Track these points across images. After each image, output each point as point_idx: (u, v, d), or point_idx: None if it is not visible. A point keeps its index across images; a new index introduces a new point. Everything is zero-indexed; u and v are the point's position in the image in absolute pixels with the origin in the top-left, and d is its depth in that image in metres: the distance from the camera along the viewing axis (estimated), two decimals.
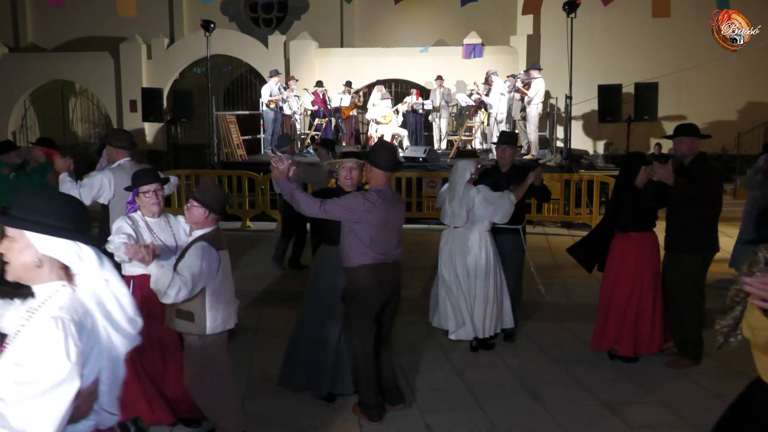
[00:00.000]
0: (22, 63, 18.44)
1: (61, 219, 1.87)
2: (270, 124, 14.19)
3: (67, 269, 1.91)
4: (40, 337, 1.76)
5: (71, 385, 1.75)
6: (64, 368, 1.74)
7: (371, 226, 4.06)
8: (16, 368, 1.74)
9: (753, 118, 16.01)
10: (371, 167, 4.18)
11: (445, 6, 17.71)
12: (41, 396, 1.71)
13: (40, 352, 1.74)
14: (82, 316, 1.85)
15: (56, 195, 1.97)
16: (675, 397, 4.68)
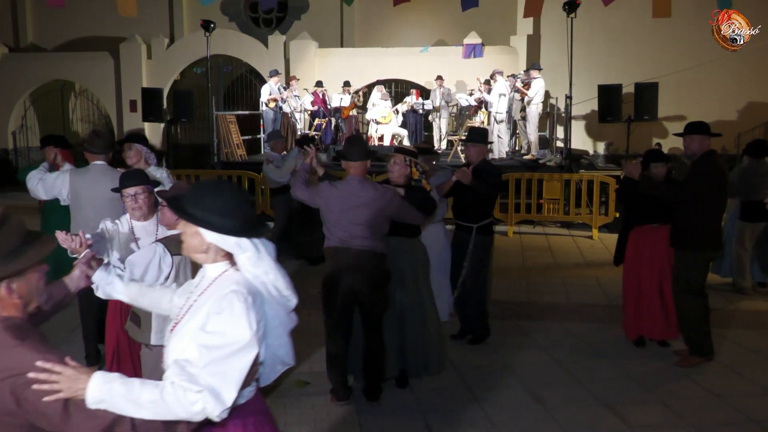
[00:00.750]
0: (22, 63, 18.43)
1: (224, 217, 2.06)
2: (270, 124, 14.19)
3: (230, 255, 2.12)
4: (224, 308, 1.98)
5: (252, 350, 1.98)
6: (246, 335, 1.96)
7: (328, 211, 4.45)
8: (203, 334, 1.96)
9: (753, 118, 15.99)
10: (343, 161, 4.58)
11: (445, 6, 17.70)
12: (226, 359, 1.92)
13: (225, 321, 1.96)
14: (253, 292, 2.08)
15: (224, 192, 2.11)
16: (675, 397, 4.68)
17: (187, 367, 1.90)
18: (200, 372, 1.88)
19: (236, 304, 1.98)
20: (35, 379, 1.76)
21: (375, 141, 14.89)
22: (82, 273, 2.47)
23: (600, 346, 5.66)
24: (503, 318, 6.49)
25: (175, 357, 1.98)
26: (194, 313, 2.06)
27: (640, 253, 5.50)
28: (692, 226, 5.09)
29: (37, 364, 1.77)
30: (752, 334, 6.04)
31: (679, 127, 16.55)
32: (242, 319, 1.97)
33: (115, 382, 1.82)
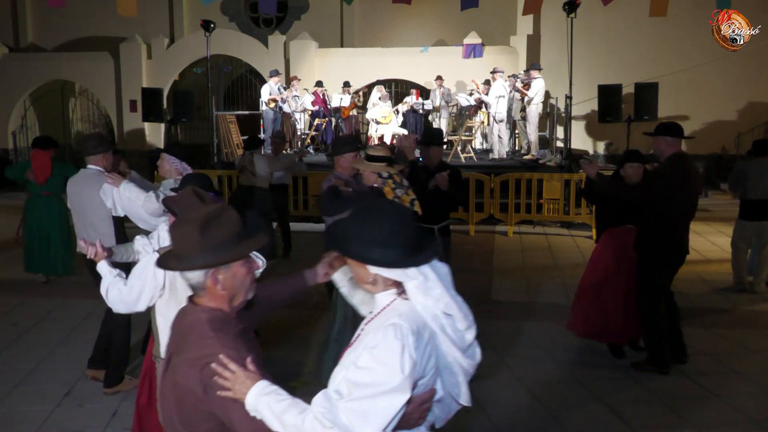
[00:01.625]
0: (22, 63, 18.44)
1: (383, 248, 1.90)
2: (270, 124, 14.19)
3: (399, 284, 1.96)
4: (379, 343, 1.83)
5: (401, 395, 1.80)
6: (396, 378, 1.78)
7: None
8: (354, 369, 1.84)
9: (753, 118, 16.00)
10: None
11: (445, 6, 17.71)
12: (370, 399, 1.78)
13: (376, 358, 1.81)
14: (420, 326, 1.88)
15: (382, 220, 1.94)
16: (675, 397, 4.68)
17: (332, 400, 1.82)
18: (343, 407, 1.79)
19: (391, 341, 1.82)
20: (216, 371, 1.84)
21: (375, 141, 14.88)
22: (324, 270, 2.48)
23: (600, 346, 5.65)
24: (503, 318, 6.49)
25: (331, 385, 1.90)
26: (359, 343, 1.95)
27: (609, 254, 5.34)
28: (655, 229, 4.98)
29: (219, 357, 1.84)
30: (752, 334, 6.04)
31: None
32: (395, 358, 1.80)
33: (270, 395, 1.83)
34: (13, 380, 4.98)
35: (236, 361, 1.85)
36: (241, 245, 1.97)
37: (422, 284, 1.91)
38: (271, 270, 8.27)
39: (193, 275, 1.95)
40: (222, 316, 1.96)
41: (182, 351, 1.93)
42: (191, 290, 2.02)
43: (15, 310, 6.76)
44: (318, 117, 14.89)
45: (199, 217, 1.94)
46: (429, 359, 1.90)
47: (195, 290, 1.99)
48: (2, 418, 4.39)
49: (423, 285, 1.92)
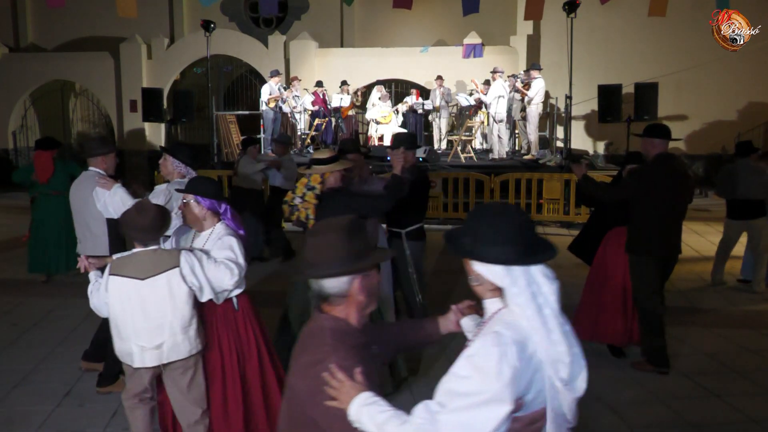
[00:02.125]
0: (22, 63, 18.43)
1: (493, 245, 1.84)
2: (270, 124, 14.20)
3: (500, 290, 1.89)
4: (478, 351, 1.78)
5: (501, 406, 1.72)
6: (493, 387, 1.72)
7: None
8: (453, 378, 1.80)
9: (753, 118, 16.00)
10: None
11: (445, 6, 17.71)
12: (469, 410, 1.72)
13: (474, 366, 1.76)
14: (524, 337, 1.80)
15: (503, 222, 1.87)
16: (675, 397, 4.68)
17: (432, 411, 1.78)
18: (443, 419, 1.74)
19: (490, 348, 1.75)
20: (325, 379, 1.86)
21: (375, 141, 14.90)
22: (456, 317, 2.43)
23: (600, 346, 5.65)
24: None
25: (435, 396, 1.85)
26: (463, 352, 1.90)
27: (608, 255, 5.37)
28: (639, 228, 4.99)
29: (330, 366, 1.87)
30: (752, 334, 6.04)
31: (680, 127, 16.72)
32: (492, 365, 1.72)
33: (372, 406, 1.82)
34: (13, 380, 4.98)
35: (345, 370, 1.86)
36: (376, 253, 2.04)
37: (522, 293, 1.83)
38: (277, 272, 8.28)
39: (335, 283, 1.97)
40: (345, 326, 1.99)
41: (300, 356, 1.98)
42: (323, 299, 2.02)
43: (15, 310, 6.76)
44: (318, 117, 14.89)
45: (342, 225, 2.00)
46: (534, 373, 1.80)
47: (330, 298, 2.01)
48: (2, 418, 4.39)
49: (523, 295, 1.83)
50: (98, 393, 4.72)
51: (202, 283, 3.40)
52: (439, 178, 11.47)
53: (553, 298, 1.86)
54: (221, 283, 3.44)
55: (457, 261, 6.27)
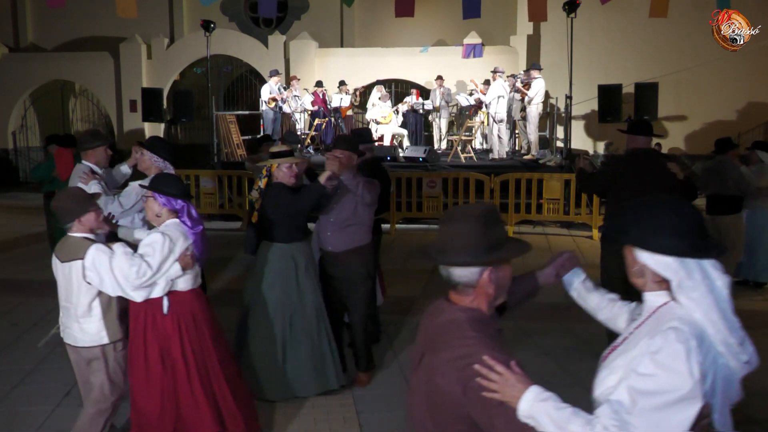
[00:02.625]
0: (22, 63, 18.43)
1: (669, 237, 1.82)
2: (270, 124, 14.19)
3: (668, 282, 1.86)
4: (661, 348, 1.74)
5: (694, 403, 1.72)
6: (686, 385, 1.71)
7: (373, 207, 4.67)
8: (635, 376, 1.76)
9: (753, 118, 16.00)
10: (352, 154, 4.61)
11: (445, 6, 17.71)
12: (662, 410, 1.70)
13: (660, 364, 1.73)
14: (700, 331, 1.80)
15: (679, 213, 1.86)
16: None
17: (619, 411, 1.74)
18: (633, 420, 1.71)
19: (674, 344, 1.72)
20: (480, 372, 1.78)
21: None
22: (554, 270, 2.44)
23: (600, 346, 5.65)
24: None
25: (604, 393, 1.83)
26: (628, 347, 1.87)
27: None
28: (607, 219, 5.36)
29: (483, 358, 1.79)
30: (752, 334, 5.99)
31: (680, 127, 16.69)
32: (681, 363, 1.71)
33: (549, 402, 1.79)
34: (13, 380, 4.98)
35: (502, 362, 1.79)
36: (511, 246, 1.94)
37: (696, 288, 1.80)
38: None
39: (465, 272, 1.90)
40: (480, 315, 1.92)
41: (439, 350, 1.88)
42: (451, 287, 1.96)
43: (15, 310, 6.76)
44: (318, 117, 14.89)
45: (479, 213, 1.91)
46: (708, 368, 1.80)
47: (459, 287, 1.93)
48: (2, 418, 4.39)
49: (699, 290, 1.80)
50: None
51: (104, 278, 3.42)
52: (439, 178, 11.47)
53: (726, 292, 1.85)
54: (128, 279, 3.42)
55: None
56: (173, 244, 3.52)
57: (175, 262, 3.53)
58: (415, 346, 2.04)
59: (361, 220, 4.60)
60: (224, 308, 6.74)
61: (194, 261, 3.65)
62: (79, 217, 3.53)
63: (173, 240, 3.53)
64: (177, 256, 3.53)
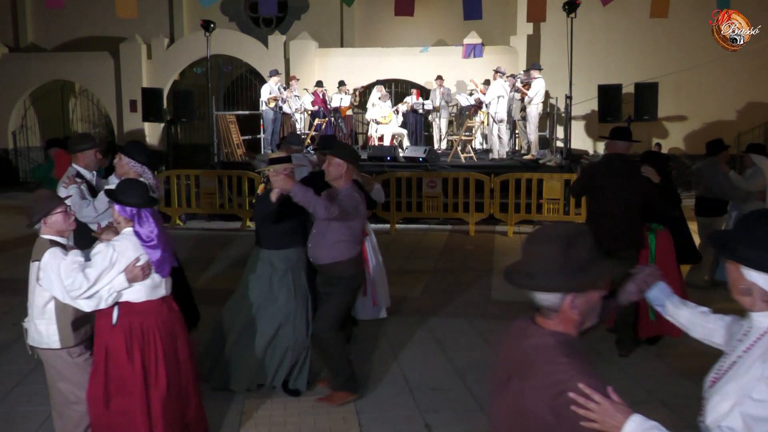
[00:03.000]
0: (22, 63, 18.43)
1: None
2: (270, 124, 14.19)
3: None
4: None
5: None
6: None
7: (361, 218, 4.58)
8: (749, 402, 1.70)
9: (753, 118, 16.00)
10: (345, 162, 4.45)
11: (445, 6, 17.71)
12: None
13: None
14: None
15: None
16: (675, 397, 4.68)
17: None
18: None
19: None
20: (575, 401, 1.72)
21: (375, 141, 14.90)
22: (637, 288, 2.32)
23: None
24: (503, 318, 6.48)
25: (716, 420, 1.78)
26: (739, 372, 1.80)
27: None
28: (587, 221, 5.67)
29: (578, 386, 1.73)
30: None
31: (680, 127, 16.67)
32: None
33: (653, 430, 1.74)
34: (13, 380, 4.98)
35: (598, 390, 1.73)
36: (599, 269, 1.83)
37: None
38: None
39: (546, 296, 1.84)
40: (569, 339, 1.86)
41: (528, 376, 1.82)
42: (536, 309, 1.90)
43: (15, 310, 6.76)
44: (318, 117, 14.89)
45: (564, 234, 1.83)
46: None
47: (543, 310, 1.89)
48: (2, 418, 4.39)
49: None
50: None
51: (53, 283, 3.38)
52: (439, 178, 11.46)
53: None
54: (66, 289, 3.36)
55: (455, 260, 6.32)
56: (118, 256, 3.40)
57: (121, 274, 3.40)
58: (498, 367, 1.97)
59: (339, 235, 4.42)
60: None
61: (147, 272, 3.47)
62: (43, 217, 3.48)
63: (119, 251, 3.41)
64: (123, 268, 3.40)
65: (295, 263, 4.69)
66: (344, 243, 4.43)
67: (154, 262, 3.49)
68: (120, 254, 3.41)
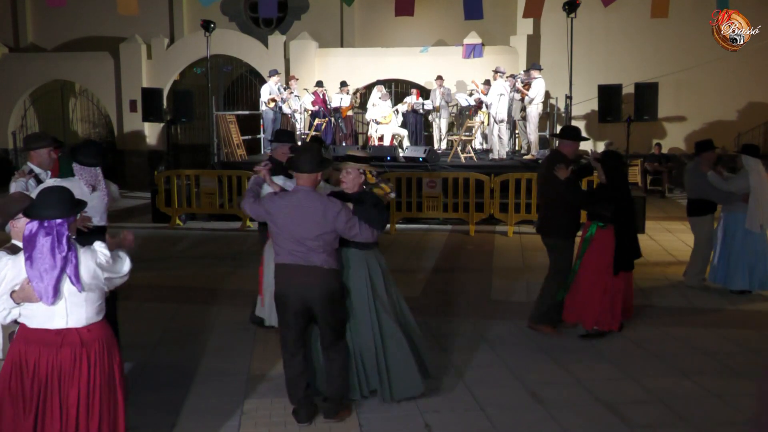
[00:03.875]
0: (22, 63, 18.43)
1: None
2: (270, 124, 14.19)
3: None
4: None
5: None
6: None
7: (274, 225, 4.24)
8: None
9: (753, 118, 16.00)
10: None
11: (445, 6, 17.70)
12: None
13: None
14: None
15: None
16: (675, 397, 4.67)
17: None
18: None
19: None
20: None
21: (375, 141, 14.90)
22: None
23: (600, 346, 5.66)
24: (503, 318, 6.49)
25: None
26: None
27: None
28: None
29: None
30: (752, 334, 6.04)
31: (680, 127, 16.71)
32: None
33: None
34: None
35: None
36: None
37: None
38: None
39: None
40: None
41: None
42: None
43: None
44: (318, 117, 14.89)
45: None
46: None
47: None
48: None
49: None
50: None
51: None
52: (439, 178, 11.46)
53: None
54: None
55: (456, 260, 6.33)
56: (8, 270, 3.04)
57: (5, 295, 3.02)
58: None
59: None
60: (230, 307, 6.76)
61: (32, 296, 3.00)
62: (9, 220, 3.15)
63: (11, 264, 3.04)
64: (10, 285, 3.02)
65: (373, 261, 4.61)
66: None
67: (36, 286, 3.00)
68: (10, 268, 3.02)
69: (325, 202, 4.09)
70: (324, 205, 4.06)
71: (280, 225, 4.11)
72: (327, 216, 4.05)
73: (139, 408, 4.50)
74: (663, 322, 6.36)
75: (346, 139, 14.96)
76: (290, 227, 4.07)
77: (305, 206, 4.05)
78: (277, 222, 4.12)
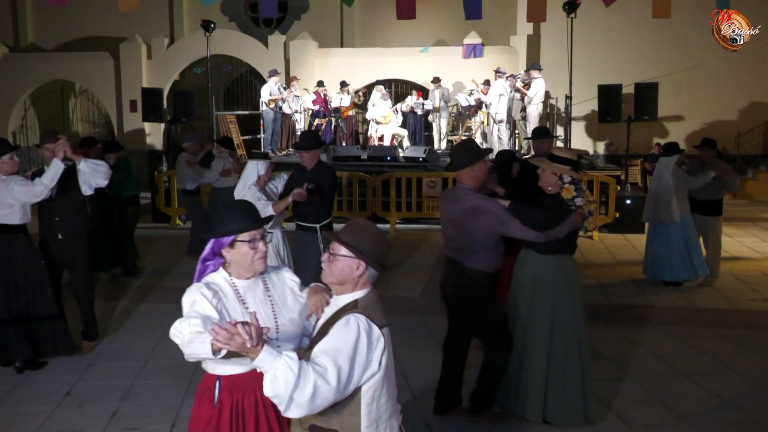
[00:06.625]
0: (22, 63, 18.43)
1: None
2: (270, 124, 14.19)
3: None
4: None
5: None
6: None
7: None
8: None
9: (753, 118, 16.00)
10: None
11: (445, 6, 17.71)
12: None
13: None
14: None
15: None
16: (675, 397, 4.68)
17: None
18: None
19: None
20: None
21: (375, 141, 14.90)
22: None
23: (600, 346, 5.66)
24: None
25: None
26: None
27: None
28: None
29: None
30: (752, 334, 6.04)
31: (680, 127, 16.70)
32: None
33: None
34: (13, 380, 4.98)
35: None
36: None
37: None
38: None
39: None
40: None
41: None
42: None
43: None
44: (318, 117, 14.89)
45: None
46: None
47: None
48: (2, 418, 4.39)
49: None
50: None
51: None
52: (439, 178, 11.46)
53: None
54: None
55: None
56: None
57: None
58: None
59: None
60: None
61: None
62: None
63: None
64: None
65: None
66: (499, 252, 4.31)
67: None
68: None
69: (473, 200, 4.13)
70: (467, 203, 4.13)
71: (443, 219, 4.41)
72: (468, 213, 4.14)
73: (139, 408, 4.51)
74: (663, 322, 6.36)
75: (346, 140, 14.97)
76: (446, 223, 4.36)
77: (452, 204, 4.29)
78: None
